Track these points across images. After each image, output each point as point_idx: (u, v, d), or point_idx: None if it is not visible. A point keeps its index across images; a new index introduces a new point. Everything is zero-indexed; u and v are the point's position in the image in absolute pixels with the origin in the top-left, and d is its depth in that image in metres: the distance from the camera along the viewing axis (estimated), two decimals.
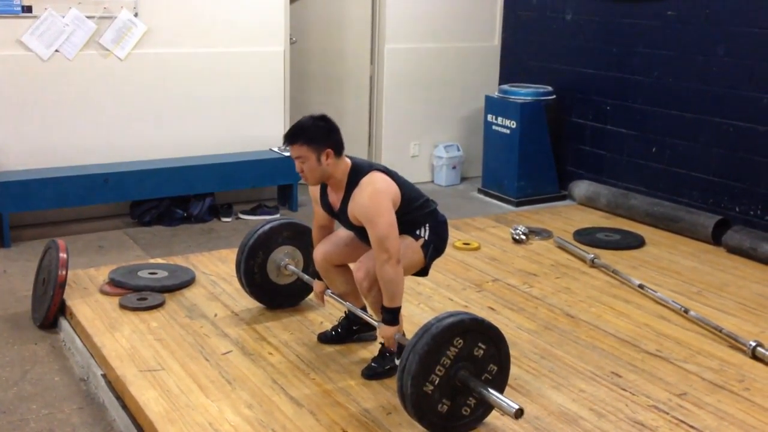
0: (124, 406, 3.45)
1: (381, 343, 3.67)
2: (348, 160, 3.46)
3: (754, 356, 3.88)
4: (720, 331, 4.13)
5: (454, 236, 5.59)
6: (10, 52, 5.65)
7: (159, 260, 5.03)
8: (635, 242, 5.61)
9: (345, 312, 3.97)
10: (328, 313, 4.26)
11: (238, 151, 6.49)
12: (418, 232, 3.55)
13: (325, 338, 3.95)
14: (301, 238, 4.18)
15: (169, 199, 6.13)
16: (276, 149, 6.59)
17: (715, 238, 5.60)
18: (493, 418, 3.20)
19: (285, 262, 4.16)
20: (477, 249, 5.41)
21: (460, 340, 3.01)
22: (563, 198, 7.02)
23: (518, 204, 6.86)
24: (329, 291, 3.85)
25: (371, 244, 3.36)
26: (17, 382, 3.76)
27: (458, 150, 7.55)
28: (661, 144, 6.34)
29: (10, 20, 5.60)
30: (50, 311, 4.24)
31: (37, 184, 5.59)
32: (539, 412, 3.36)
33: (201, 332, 4.02)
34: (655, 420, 3.33)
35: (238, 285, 4.60)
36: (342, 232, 3.74)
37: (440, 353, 2.98)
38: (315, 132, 3.36)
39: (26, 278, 4.82)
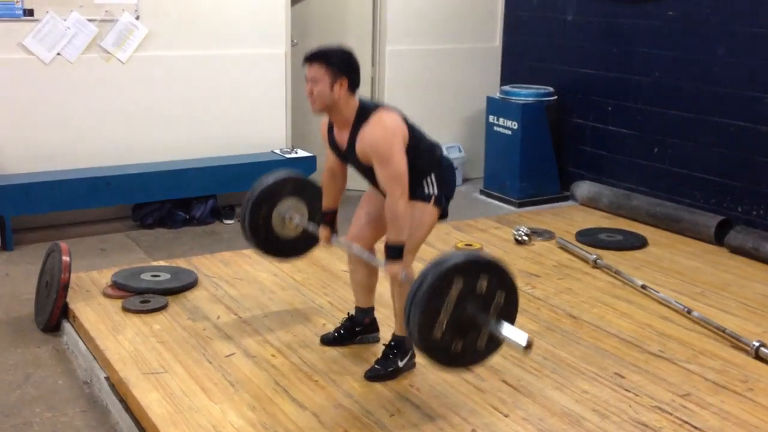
0: (127, 409, 3.44)
1: (384, 345, 3.67)
2: (357, 100, 3.40)
3: (758, 356, 3.88)
4: (723, 332, 4.13)
5: (456, 237, 5.60)
6: (12, 56, 5.66)
7: (161, 263, 5.03)
8: (637, 243, 5.61)
9: (348, 313, 3.98)
10: (331, 315, 4.26)
11: (240, 153, 6.49)
12: (426, 190, 3.46)
13: (327, 340, 3.95)
14: (304, 190, 4.05)
15: (171, 201, 6.14)
16: (278, 151, 6.59)
17: (718, 239, 5.60)
18: (497, 419, 3.20)
19: (290, 214, 4.03)
20: (479, 250, 5.41)
21: (460, 280, 2.93)
22: (565, 199, 7.02)
23: (520, 205, 6.86)
24: (335, 237, 3.77)
25: (381, 181, 3.30)
26: (20, 386, 3.76)
27: (460, 151, 7.55)
28: (662, 144, 6.33)
29: (11, 24, 5.61)
30: (53, 314, 4.24)
31: (40, 187, 5.59)
32: (542, 413, 3.36)
33: (204, 334, 4.02)
34: (659, 421, 3.33)
35: (240, 287, 4.62)
36: (359, 212, 3.72)
37: (441, 298, 2.91)
38: (337, 59, 3.35)
39: (29, 281, 4.83)
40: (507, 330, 2.97)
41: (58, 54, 5.77)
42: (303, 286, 4.70)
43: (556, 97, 6.97)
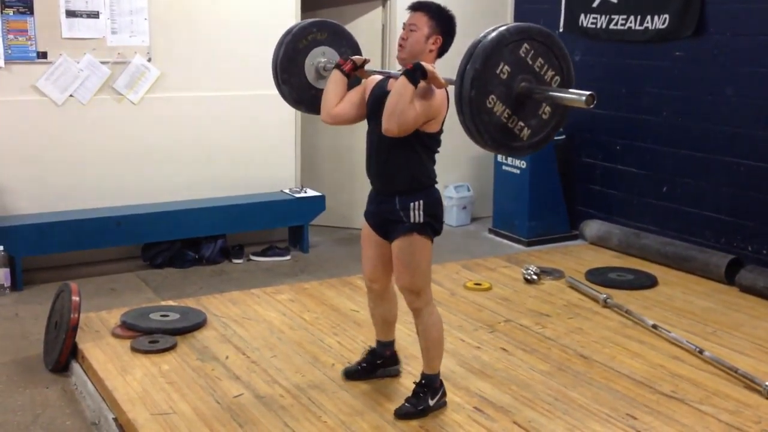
0: None
1: (414, 382, 3.63)
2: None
3: None
4: (735, 372, 4.09)
5: (466, 276, 5.59)
6: (25, 98, 5.73)
7: (170, 302, 5.03)
8: (648, 282, 5.58)
9: (369, 346, 3.99)
10: (340, 355, 4.24)
11: (250, 193, 6.52)
12: (413, 217, 3.41)
13: (350, 373, 3.95)
14: (351, 50, 3.92)
15: (180, 241, 6.15)
16: (287, 191, 6.62)
17: (729, 278, 5.57)
18: None
19: (323, 62, 3.89)
20: (488, 289, 5.39)
21: (492, 86, 2.87)
22: (574, 238, 7.01)
23: (529, 244, 6.85)
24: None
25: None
26: (28, 427, 3.74)
27: (468, 190, 7.57)
28: (671, 183, 6.33)
29: (25, 66, 5.68)
30: (62, 355, 4.23)
31: (50, 227, 5.62)
32: None
33: (212, 375, 4.00)
34: None
35: (249, 327, 4.61)
36: (364, 257, 3.71)
37: (489, 111, 2.87)
38: (441, 16, 3.36)
39: (38, 322, 4.83)
40: (563, 92, 2.92)
41: (71, 95, 5.84)
42: (312, 325, 4.69)
43: (564, 137, 6.99)
